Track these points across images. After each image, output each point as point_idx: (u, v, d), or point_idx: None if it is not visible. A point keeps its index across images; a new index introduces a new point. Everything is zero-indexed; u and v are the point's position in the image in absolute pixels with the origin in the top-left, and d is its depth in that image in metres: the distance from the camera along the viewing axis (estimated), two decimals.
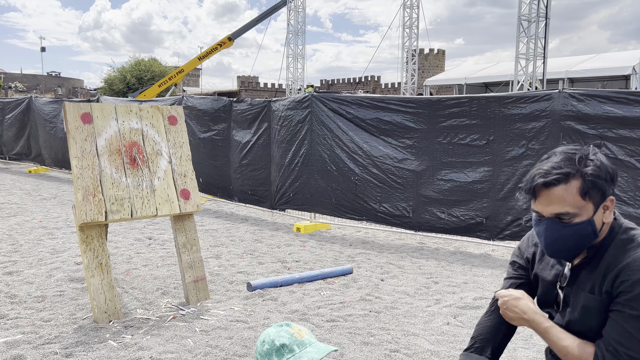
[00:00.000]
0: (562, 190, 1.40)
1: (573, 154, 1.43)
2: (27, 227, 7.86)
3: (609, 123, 5.78)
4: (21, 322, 4.30)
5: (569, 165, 1.41)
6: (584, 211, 1.41)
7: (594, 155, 1.43)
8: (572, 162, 1.41)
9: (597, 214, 1.43)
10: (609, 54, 25.78)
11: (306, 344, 1.37)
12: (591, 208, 1.41)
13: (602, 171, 1.40)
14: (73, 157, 4.33)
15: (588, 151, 1.44)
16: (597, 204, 1.42)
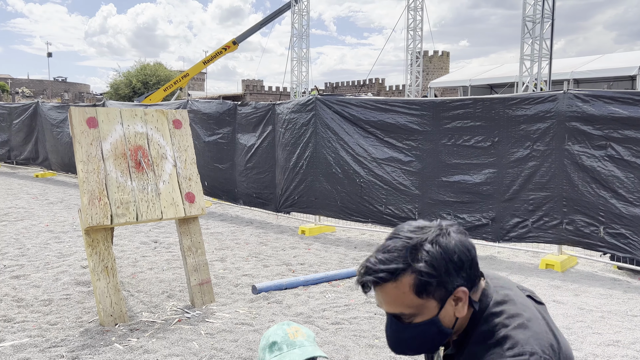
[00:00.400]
0: (392, 289, 1.17)
1: (407, 241, 1.18)
2: (34, 231, 7.90)
3: (615, 124, 5.76)
4: (28, 325, 4.32)
5: (399, 258, 1.17)
6: (424, 310, 1.19)
7: (431, 245, 1.17)
8: (403, 254, 1.17)
9: (445, 310, 1.19)
10: (614, 55, 25.66)
11: (296, 345, 1.41)
12: (434, 305, 1.18)
13: (439, 264, 1.16)
14: (79, 161, 4.36)
15: (426, 236, 1.19)
16: (441, 300, 1.18)
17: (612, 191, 5.81)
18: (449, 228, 1.22)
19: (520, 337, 1.14)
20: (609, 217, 5.83)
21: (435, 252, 1.16)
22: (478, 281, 1.24)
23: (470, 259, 1.20)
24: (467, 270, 1.20)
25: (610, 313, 4.77)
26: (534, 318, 1.20)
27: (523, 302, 1.25)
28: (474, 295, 1.23)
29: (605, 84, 24.22)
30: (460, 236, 1.21)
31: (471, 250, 1.21)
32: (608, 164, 5.84)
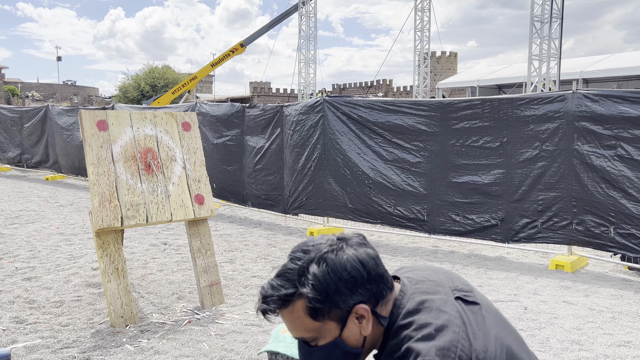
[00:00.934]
0: (288, 314, 1.16)
1: (296, 263, 1.15)
2: (45, 233, 7.98)
3: (625, 123, 5.72)
4: (40, 326, 4.36)
5: (287, 283, 1.14)
6: (324, 333, 1.15)
7: (317, 265, 1.13)
8: (292, 278, 1.14)
9: (349, 329, 1.15)
10: (624, 54, 25.47)
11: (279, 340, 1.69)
12: (334, 327, 1.14)
13: (327, 285, 1.11)
14: (89, 164, 4.40)
15: (313, 256, 1.14)
16: (340, 320, 1.14)
17: (622, 191, 5.77)
18: (342, 243, 1.17)
19: (421, 348, 1.09)
20: (619, 217, 5.80)
21: (320, 273, 1.12)
22: (387, 293, 1.18)
23: (366, 274, 1.13)
24: (365, 285, 1.14)
25: (621, 314, 4.74)
26: (447, 326, 1.12)
27: (440, 308, 1.16)
28: (382, 309, 1.18)
29: (614, 84, 24.05)
30: (356, 250, 1.15)
31: (367, 264, 1.14)
32: (618, 163, 5.80)
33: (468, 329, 1.13)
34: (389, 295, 1.18)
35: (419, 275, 1.28)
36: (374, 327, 1.17)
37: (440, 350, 1.08)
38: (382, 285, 1.16)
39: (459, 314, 1.16)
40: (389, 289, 1.18)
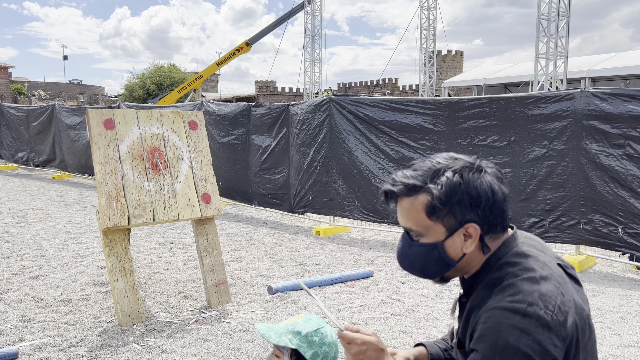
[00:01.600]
0: (407, 203, 1.23)
1: (434, 165, 1.23)
2: (52, 232, 8.00)
3: (633, 122, 5.67)
4: (47, 325, 4.37)
5: (420, 177, 1.22)
6: (431, 232, 1.22)
7: (453, 173, 1.19)
8: (425, 175, 1.21)
9: (452, 240, 1.20)
10: (631, 52, 25.30)
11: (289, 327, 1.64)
12: (441, 231, 1.21)
13: (453, 193, 1.17)
14: (96, 163, 4.40)
15: (454, 166, 1.21)
16: (450, 229, 1.20)
17: (631, 190, 5.73)
18: (483, 167, 1.22)
19: (525, 288, 1.13)
20: (628, 216, 5.75)
21: (453, 180, 1.18)
22: (499, 229, 1.22)
23: (492, 201, 1.18)
24: (485, 210, 1.18)
25: (630, 314, 4.71)
26: (550, 278, 1.16)
27: (547, 264, 1.20)
28: (490, 240, 1.22)
29: (622, 82, 23.91)
30: (492, 178, 1.20)
31: (496, 194, 1.19)
32: (627, 162, 5.76)
33: (565, 289, 1.17)
34: (501, 233, 1.22)
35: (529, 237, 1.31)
36: (475, 251, 1.22)
37: (543, 296, 1.11)
38: (499, 220, 1.21)
39: (560, 275, 1.20)
40: (503, 227, 1.23)
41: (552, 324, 1.09)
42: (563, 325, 1.11)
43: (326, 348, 1.54)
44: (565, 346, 1.11)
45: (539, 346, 1.07)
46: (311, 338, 1.53)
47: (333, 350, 1.56)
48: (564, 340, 1.10)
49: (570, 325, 1.12)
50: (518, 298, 1.11)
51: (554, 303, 1.11)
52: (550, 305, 1.11)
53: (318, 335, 1.54)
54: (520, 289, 1.13)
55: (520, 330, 1.08)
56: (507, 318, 1.09)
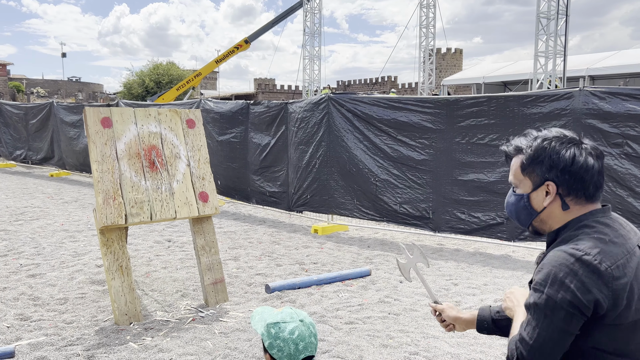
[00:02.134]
0: (514, 160, 1.51)
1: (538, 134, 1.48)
2: (50, 230, 7.99)
3: (632, 121, 5.67)
4: (44, 324, 4.36)
5: (524, 142, 1.49)
6: (522, 185, 1.48)
7: (545, 141, 1.43)
8: (528, 141, 1.48)
9: (536, 194, 1.45)
10: (630, 51, 25.29)
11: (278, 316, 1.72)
12: (529, 185, 1.47)
13: (539, 155, 1.43)
14: (93, 161, 4.39)
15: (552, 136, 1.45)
16: (535, 184, 1.45)
17: (629, 189, 5.72)
18: (577, 141, 1.42)
19: (590, 243, 1.32)
20: (626, 215, 5.74)
21: (543, 146, 1.43)
22: (581, 194, 1.40)
23: (570, 167, 1.38)
24: (565, 173, 1.39)
25: None
26: (620, 245, 1.32)
27: (625, 237, 1.36)
28: (573, 203, 1.41)
29: (621, 81, 23.90)
30: (581, 152, 1.40)
31: (576, 163, 1.38)
32: (625, 161, 5.75)
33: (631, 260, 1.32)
34: (583, 199, 1.41)
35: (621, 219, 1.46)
36: (555, 208, 1.43)
37: (604, 252, 1.30)
38: (579, 186, 1.39)
39: (632, 251, 1.35)
40: (586, 195, 1.41)
41: (604, 273, 1.27)
42: (616, 279, 1.28)
43: (280, 342, 1.59)
44: (614, 297, 1.27)
45: (583, 286, 1.27)
46: (270, 329, 1.62)
47: (289, 347, 1.59)
48: (613, 292, 1.27)
49: (624, 283, 1.28)
50: (579, 247, 1.32)
51: (613, 260, 1.29)
52: (607, 261, 1.29)
53: (275, 328, 1.61)
54: (586, 242, 1.33)
55: (570, 269, 1.29)
56: (564, 258, 1.31)
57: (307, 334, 1.62)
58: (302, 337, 1.60)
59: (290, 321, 1.64)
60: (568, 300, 1.28)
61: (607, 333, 1.31)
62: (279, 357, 1.59)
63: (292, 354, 1.59)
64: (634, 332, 1.33)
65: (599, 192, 1.42)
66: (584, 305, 1.27)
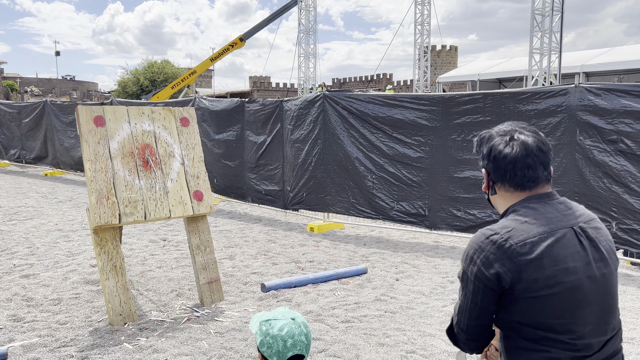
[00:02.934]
0: None
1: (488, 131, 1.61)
2: (44, 229, 7.93)
3: (627, 117, 5.66)
4: (37, 325, 4.32)
5: (478, 138, 1.63)
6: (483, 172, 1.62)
7: (485, 134, 1.58)
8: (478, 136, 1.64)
9: (485, 180, 1.60)
10: (625, 47, 25.34)
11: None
12: (484, 171, 1.60)
13: (477, 143, 1.60)
14: (86, 160, 4.35)
15: (490, 131, 1.59)
16: (484, 174, 1.60)
17: (624, 186, 5.72)
18: (513, 135, 1.51)
19: (503, 224, 1.45)
20: (621, 212, 5.75)
21: (480, 138, 1.59)
22: (506, 184, 1.50)
23: (495, 158, 1.51)
24: (489, 162, 1.52)
25: (624, 310, 4.70)
26: (538, 225, 1.41)
27: (551, 219, 1.44)
28: (502, 189, 1.52)
29: (615, 77, 23.95)
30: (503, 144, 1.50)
31: (494, 152, 1.51)
32: (620, 158, 5.75)
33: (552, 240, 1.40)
34: (509, 186, 1.51)
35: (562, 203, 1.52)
36: (494, 194, 1.57)
37: (514, 230, 1.41)
38: (499, 173, 1.51)
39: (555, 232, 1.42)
40: (512, 183, 1.50)
41: (508, 249, 1.38)
42: (521, 255, 1.37)
43: (270, 339, 1.61)
44: (517, 271, 1.37)
45: (487, 260, 1.40)
46: (261, 326, 1.64)
47: (277, 344, 1.60)
48: (517, 266, 1.37)
49: (530, 259, 1.37)
50: (493, 227, 1.45)
51: (521, 239, 1.39)
52: (514, 239, 1.39)
53: (266, 325, 1.64)
54: (502, 223, 1.46)
55: (479, 246, 1.43)
56: (477, 237, 1.46)
57: (297, 332, 1.62)
58: (291, 334, 1.61)
59: (281, 318, 1.65)
60: (475, 274, 1.42)
61: (522, 306, 1.39)
62: (268, 354, 1.60)
63: (280, 350, 1.59)
64: (549, 305, 1.38)
65: (522, 179, 1.48)
66: (487, 278, 1.40)
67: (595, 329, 1.42)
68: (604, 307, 1.44)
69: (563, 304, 1.38)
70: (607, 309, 1.45)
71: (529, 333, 1.40)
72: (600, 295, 1.43)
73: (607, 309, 1.45)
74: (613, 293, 1.48)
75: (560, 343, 1.39)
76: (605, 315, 1.44)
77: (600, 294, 1.43)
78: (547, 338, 1.40)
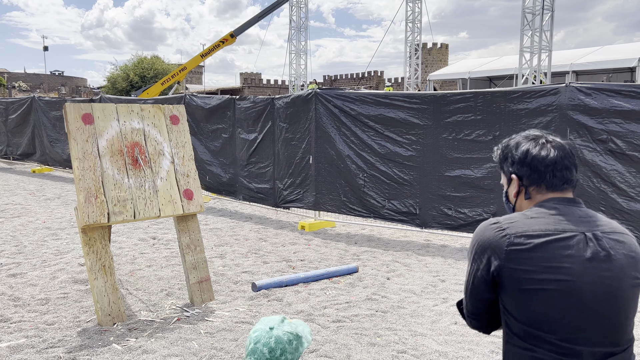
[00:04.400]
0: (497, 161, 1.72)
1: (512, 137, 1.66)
2: (31, 228, 7.84)
3: (617, 117, 5.69)
4: (25, 325, 4.26)
5: (500, 147, 1.67)
6: (504, 183, 1.66)
7: (510, 141, 1.62)
8: (502, 143, 1.66)
9: (510, 189, 1.62)
10: (613, 46, 25.54)
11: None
12: (505, 180, 1.65)
13: (503, 154, 1.63)
14: (74, 159, 4.29)
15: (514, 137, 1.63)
16: (507, 180, 1.62)
17: (613, 185, 5.76)
18: (542, 140, 1.55)
19: (510, 216, 1.51)
20: (609, 211, 5.78)
21: (506, 145, 1.62)
22: (543, 186, 1.52)
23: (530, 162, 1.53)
24: (523, 167, 1.54)
25: None
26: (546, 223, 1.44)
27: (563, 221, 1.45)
28: (535, 193, 1.54)
29: (604, 76, 24.13)
30: (538, 146, 1.54)
31: (534, 159, 1.52)
32: (609, 157, 5.78)
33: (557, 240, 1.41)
34: (544, 188, 1.52)
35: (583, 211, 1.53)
36: (522, 197, 1.58)
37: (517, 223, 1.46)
38: (536, 175, 1.52)
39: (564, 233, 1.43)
40: (547, 184, 1.52)
41: (502, 238, 1.44)
42: (515, 245, 1.42)
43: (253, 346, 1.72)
44: (507, 259, 1.42)
45: (482, 246, 1.48)
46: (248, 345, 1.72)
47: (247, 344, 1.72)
48: (507, 254, 1.42)
49: (524, 250, 1.40)
50: (499, 218, 1.51)
51: (521, 231, 1.43)
52: (513, 229, 1.44)
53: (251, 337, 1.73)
54: (510, 215, 1.52)
55: (481, 232, 1.51)
56: (483, 225, 1.53)
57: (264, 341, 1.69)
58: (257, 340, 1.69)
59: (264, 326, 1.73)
60: (473, 256, 1.52)
61: (511, 297, 1.43)
62: None
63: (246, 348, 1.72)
64: (538, 301, 1.39)
65: (560, 181, 1.52)
66: (481, 262, 1.48)
67: (592, 338, 1.37)
68: (608, 318, 1.38)
69: (552, 302, 1.37)
70: (612, 322, 1.39)
71: (517, 327, 1.42)
72: (602, 305, 1.38)
73: (612, 322, 1.39)
74: (621, 307, 1.40)
75: (547, 343, 1.37)
76: (608, 328, 1.39)
77: (603, 304, 1.38)
78: (532, 335, 1.39)
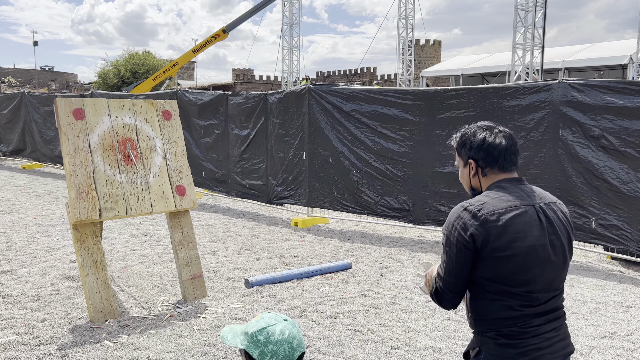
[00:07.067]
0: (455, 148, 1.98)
1: (468, 127, 1.92)
2: (22, 224, 7.76)
3: (610, 113, 5.71)
4: (15, 322, 4.22)
5: (458, 134, 1.95)
6: (460, 164, 1.93)
7: (468, 130, 1.89)
8: (459, 132, 1.94)
9: (466, 169, 1.89)
10: (605, 44, 25.68)
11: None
12: (462, 163, 1.91)
13: (460, 141, 1.90)
14: (65, 154, 4.24)
15: (471, 127, 1.90)
16: (464, 162, 1.89)
17: (605, 182, 5.78)
18: (495, 129, 1.85)
19: (478, 198, 1.77)
20: (601, 207, 5.81)
21: (464, 134, 1.90)
22: (494, 166, 1.81)
23: (486, 147, 1.81)
24: (480, 152, 1.82)
25: (605, 304, 4.76)
26: (506, 201, 1.73)
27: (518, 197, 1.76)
28: (491, 173, 1.83)
29: (596, 73, 24.27)
30: (492, 136, 1.82)
31: (490, 144, 1.81)
32: (601, 154, 5.80)
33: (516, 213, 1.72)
34: (497, 169, 1.82)
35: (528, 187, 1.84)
36: (477, 177, 1.86)
37: (485, 204, 1.73)
38: (491, 159, 1.81)
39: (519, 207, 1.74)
40: (500, 166, 1.81)
41: (479, 216, 1.70)
42: (489, 222, 1.69)
43: (273, 346, 1.55)
44: (486, 234, 1.68)
45: (464, 225, 1.72)
46: (256, 338, 1.56)
47: (283, 348, 1.55)
48: (486, 230, 1.68)
49: (496, 225, 1.68)
50: (470, 201, 1.76)
51: (491, 210, 1.71)
52: (485, 209, 1.71)
53: (263, 335, 1.56)
54: (478, 198, 1.77)
55: (458, 215, 1.75)
56: (457, 209, 1.77)
57: (295, 331, 1.59)
58: (293, 335, 1.57)
59: (276, 323, 1.60)
60: (456, 237, 1.73)
61: (487, 264, 1.69)
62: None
63: (287, 354, 1.54)
64: (508, 264, 1.69)
65: (509, 163, 1.82)
66: (465, 239, 1.70)
67: (543, 286, 1.74)
68: (553, 270, 1.75)
69: (519, 263, 1.69)
70: (556, 272, 1.76)
71: (491, 287, 1.72)
72: (550, 260, 1.74)
73: (556, 272, 1.76)
74: (562, 258, 1.78)
75: (515, 295, 1.71)
76: (553, 277, 1.76)
77: (552, 258, 1.75)
78: (504, 291, 1.71)
